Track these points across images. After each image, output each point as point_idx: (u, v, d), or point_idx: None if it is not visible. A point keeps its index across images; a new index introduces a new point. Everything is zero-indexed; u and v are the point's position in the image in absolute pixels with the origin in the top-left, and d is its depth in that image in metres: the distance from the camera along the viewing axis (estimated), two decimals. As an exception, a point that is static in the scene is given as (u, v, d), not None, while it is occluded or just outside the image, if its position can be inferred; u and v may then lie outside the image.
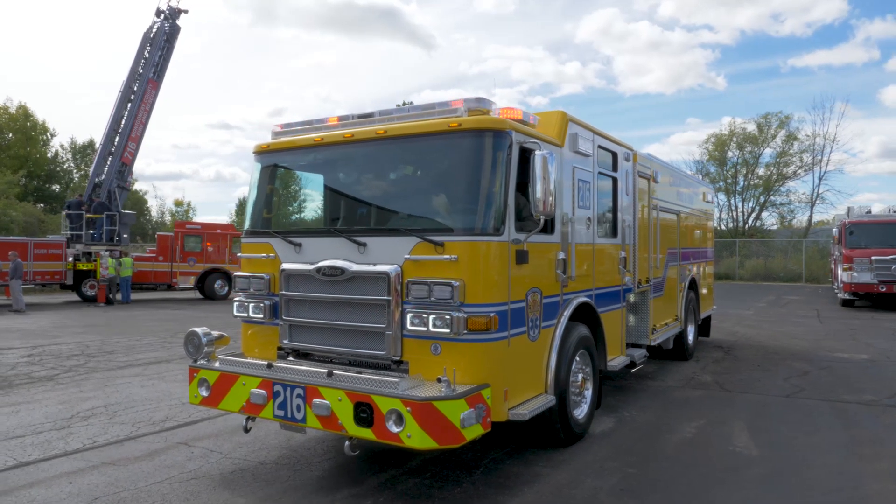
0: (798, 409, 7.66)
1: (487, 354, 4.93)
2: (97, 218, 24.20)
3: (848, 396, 8.25)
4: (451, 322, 4.78)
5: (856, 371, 9.96)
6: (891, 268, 19.02)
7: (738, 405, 7.84)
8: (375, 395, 4.52)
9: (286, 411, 4.99)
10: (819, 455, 5.93)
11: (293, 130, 6.09)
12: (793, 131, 42.16)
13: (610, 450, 6.10)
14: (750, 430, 6.74)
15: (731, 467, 5.63)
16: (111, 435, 6.62)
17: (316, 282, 5.46)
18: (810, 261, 34.38)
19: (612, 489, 5.13)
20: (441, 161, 5.32)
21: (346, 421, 4.65)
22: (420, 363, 5.02)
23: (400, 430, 4.41)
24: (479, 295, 4.88)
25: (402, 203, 5.51)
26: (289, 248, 5.71)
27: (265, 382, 5.11)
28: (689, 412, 7.50)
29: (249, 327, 6.11)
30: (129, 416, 7.40)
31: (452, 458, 5.76)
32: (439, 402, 4.38)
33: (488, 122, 5.06)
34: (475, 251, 4.90)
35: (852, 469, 5.57)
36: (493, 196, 5.00)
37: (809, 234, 41.30)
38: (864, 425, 6.93)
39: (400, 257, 5.08)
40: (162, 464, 5.72)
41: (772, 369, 10.12)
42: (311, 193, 6.23)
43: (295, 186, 6.36)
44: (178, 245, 24.87)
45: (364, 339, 5.29)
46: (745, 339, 13.59)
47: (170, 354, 11.90)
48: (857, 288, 19.57)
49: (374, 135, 5.42)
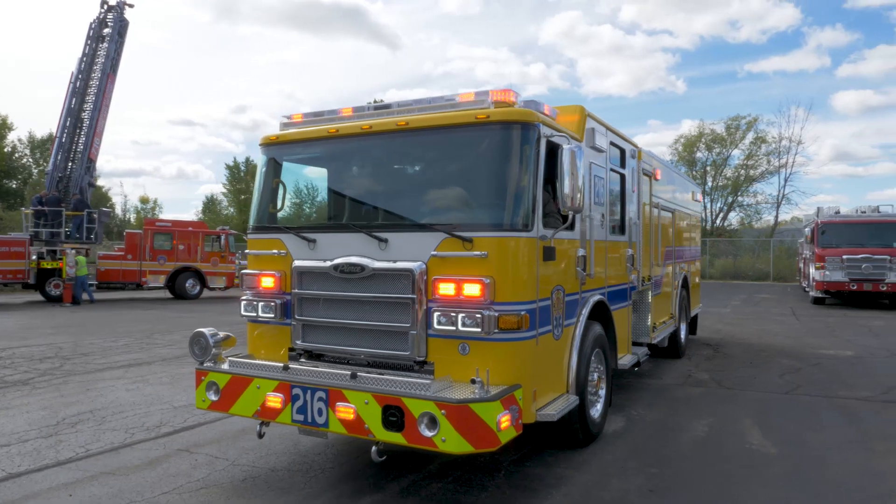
0: (800, 405, 7.70)
1: (518, 354, 4.78)
2: (77, 215, 23.34)
3: (844, 393, 8.33)
4: (482, 321, 4.61)
5: (844, 367, 10.11)
6: (861, 266, 19.50)
7: (740, 402, 7.85)
8: (406, 398, 4.32)
9: (306, 415, 4.75)
10: (834, 452, 5.93)
11: (304, 122, 5.84)
12: (761, 134, 43.11)
13: (626, 450, 6.01)
14: (760, 427, 6.73)
15: (751, 465, 5.59)
16: (104, 442, 6.27)
17: (333, 279, 5.23)
18: (778, 260, 35.15)
19: (639, 490, 5.03)
20: (467, 154, 5.13)
21: (374, 425, 4.44)
22: (446, 364, 4.84)
23: (433, 434, 4.22)
24: (509, 293, 4.72)
25: (425, 198, 5.30)
26: (302, 245, 5.46)
27: (282, 385, 4.86)
28: (695, 410, 7.47)
29: (256, 327, 5.84)
30: (119, 421, 7.03)
31: (470, 461, 5.59)
32: (476, 404, 4.21)
33: (517, 114, 4.91)
34: (505, 247, 4.74)
35: (871, 465, 5.58)
36: (523, 191, 4.85)
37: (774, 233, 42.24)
38: (868, 421, 6.99)
39: (424, 254, 4.88)
40: (166, 472, 5.41)
41: (764, 366, 10.20)
42: (324, 187, 5.97)
43: (306, 180, 6.10)
44: (147, 243, 24.11)
45: (385, 339, 5.08)
46: (730, 336, 13.73)
47: (150, 356, 11.46)
48: (829, 286, 20.02)
49: (394, 126, 5.21)
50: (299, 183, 6.10)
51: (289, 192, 5.93)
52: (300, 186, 6.12)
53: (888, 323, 15.90)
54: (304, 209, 6.11)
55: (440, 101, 5.29)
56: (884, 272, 19.32)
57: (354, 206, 5.63)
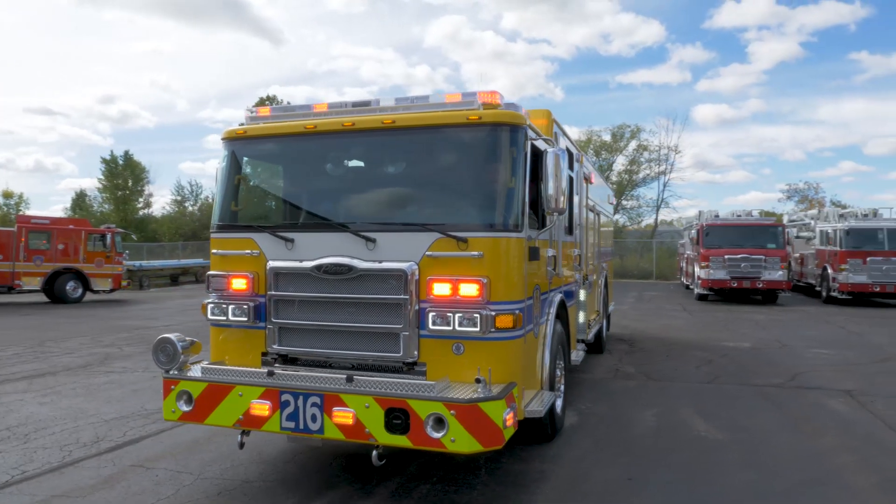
0: (725, 394, 8.35)
1: (511, 353, 4.85)
2: None
3: (758, 381, 9.13)
4: (480, 320, 4.64)
5: (748, 358, 11.06)
6: (741, 265, 21.37)
7: (673, 393, 8.38)
8: (412, 400, 4.27)
9: (297, 422, 4.56)
10: (773, 435, 6.49)
11: (274, 116, 5.58)
12: (643, 142, 46.03)
13: (590, 443, 6.26)
14: (700, 415, 7.23)
15: (708, 450, 6.01)
16: (40, 462, 5.66)
17: (315, 280, 5.04)
18: (659, 260, 37.68)
19: (619, 480, 5.26)
20: (457, 154, 5.13)
21: (376, 429, 4.35)
22: (439, 364, 4.81)
23: (441, 435, 4.20)
24: (503, 292, 4.78)
25: (413, 197, 5.24)
26: (278, 245, 5.22)
27: (269, 392, 4.63)
28: (637, 402, 7.89)
29: (221, 332, 5.51)
30: (47, 438, 6.37)
31: (446, 461, 5.58)
32: (484, 403, 4.24)
33: (508, 116, 4.97)
34: (499, 248, 4.80)
35: (808, 446, 6.17)
36: (514, 192, 4.92)
37: (654, 235, 45.26)
38: (789, 406, 7.71)
39: (416, 254, 4.83)
40: (128, 491, 4.99)
41: (680, 359, 10.95)
42: (298, 184, 5.73)
43: (278, 177, 5.82)
44: (21, 242, 21.87)
45: (373, 341, 4.97)
46: (638, 332, 14.58)
47: (50, 366, 10.44)
48: (713, 284, 21.75)
49: (379, 124, 5.11)
50: (269, 180, 5.82)
51: (259, 190, 5.65)
52: (270, 183, 5.84)
53: (768, 317, 17.54)
54: (278, 207, 5.81)
55: (423, 100, 5.25)
56: (759, 270, 21.28)
57: (335, 205, 5.45)
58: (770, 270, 21.22)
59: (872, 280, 20.08)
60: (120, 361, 10.82)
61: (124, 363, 10.66)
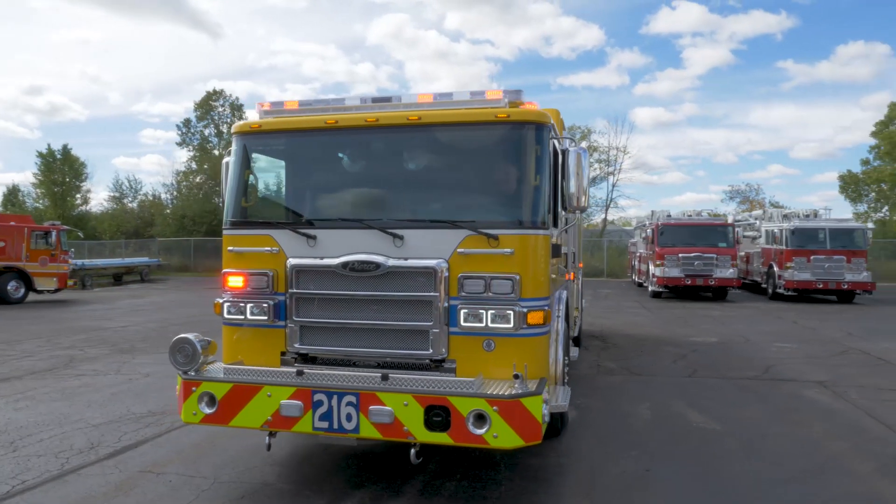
0: (708, 387, 8.67)
1: (540, 348, 4.92)
2: None
3: (734, 374, 9.51)
4: (513, 317, 4.68)
5: (718, 352, 11.50)
6: (694, 264, 22.13)
7: (659, 387, 8.64)
8: (453, 397, 4.27)
9: (331, 422, 4.49)
10: (765, 426, 6.78)
11: (290, 110, 5.47)
12: (592, 143, 47.05)
13: (596, 437, 6.39)
14: (692, 408, 7.49)
15: (709, 441, 6.23)
16: (38, 471, 5.37)
17: (340, 278, 4.98)
18: (610, 258, 38.61)
19: (637, 472, 5.40)
20: (485, 152, 5.15)
21: (415, 427, 4.33)
22: (469, 361, 4.83)
23: (484, 431, 4.22)
24: (532, 289, 4.84)
25: (438, 194, 5.24)
26: (298, 241, 5.12)
27: (301, 392, 4.53)
28: (626, 396, 8.10)
29: (235, 331, 5.36)
30: (36, 446, 6.05)
31: (464, 458, 5.60)
32: (526, 398, 4.27)
33: (536, 114, 5.03)
34: (529, 245, 4.85)
35: (800, 435, 6.47)
36: (541, 189, 4.98)
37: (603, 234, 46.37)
38: (771, 398, 8.06)
39: (445, 251, 4.83)
40: (146, 498, 4.80)
41: (654, 354, 11.29)
42: (319, 181, 5.60)
43: (294, 172, 5.69)
44: (-43, 240, 20.61)
45: (400, 338, 4.95)
46: (606, 328, 14.93)
47: (12, 369, 9.89)
48: (668, 281, 22.45)
49: (405, 121, 5.08)
50: (285, 175, 5.69)
51: (274, 186, 5.53)
52: (287, 179, 5.70)
53: (723, 313, 18.25)
54: (296, 203, 5.67)
55: (447, 97, 5.25)
56: (711, 268, 22.10)
57: (358, 202, 5.38)
58: (721, 268, 22.07)
59: (816, 277, 21.13)
60: (87, 364, 10.36)
61: (93, 366, 10.21)
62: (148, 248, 40.90)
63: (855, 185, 41.34)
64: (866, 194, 41.32)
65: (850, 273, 21.08)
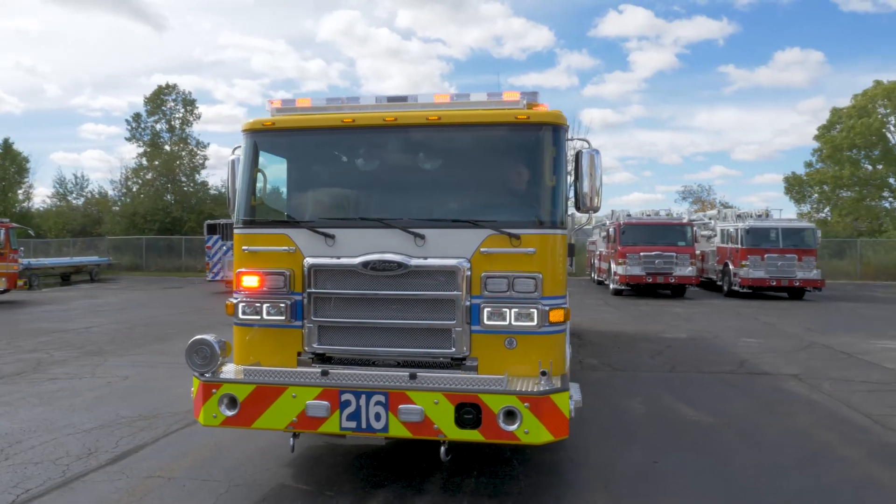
0: (691, 381, 8.96)
1: (559, 345, 5.03)
2: None
3: (712, 369, 9.85)
4: (536, 315, 4.76)
5: (690, 348, 11.88)
6: (655, 262, 22.74)
7: (643, 382, 8.89)
8: (484, 394, 4.32)
9: (359, 422, 4.47)
10: (755, 417, 7.07)
11: (302, 108, 5.43)
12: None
13: (597, 431, 6.55)
14: (681, 401, 7.74)
15: (708, 432, 6.47)
16: (41, 479, 5.18)
17: (360, 277, 4.96)
18: (568, 256, 39.29)
19: (645, 463, 5.57)
20: (505, 152, 5.21)
21: (445, 425, 4.36)
22: (491, 359, 4.89)
23: (515, 428, 4.29)
24: (552, 287, 4.93)
25: (457, 194, 5.27)
26: (316, 240, 5.08)
27: (328, 392, 4.50)
28: (616, 391, 8.30)
29: (248, 332, 5.28)
30: (31, 453, 5.82)
31: (476, 454, 5.65)
32: (555, 395, 4.36)
33: (554, 116, 5.12)
34: (549, 244, 4.95)
35: (789, 425, 6.77)
36: (559, 190, 5.09)
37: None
38: (753, 390, 8.40)
39: (467, 250, 4.88)
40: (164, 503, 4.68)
41: (631, 350, 11.58)
42: (334, 180, 5.53)
43: (308, 171, 5.61)
44: None
45: (421, 337, 4.97)
46: (577, 325, 15.16)
47: (-22, 375, 9.45)
48: (630, 279, 23.00)
49: (424, 121, 5.09)
50: (297, 174, 5.61)
51: (288, 183, 5.46)
52: (300, 177, 5.63)
53: (686, 310, 18.83)
54: (310, 202, 5.59)
55: (463, 97, 5.30)
56: (671, 266, 22.75)
57: (376, 201, 5.37)
58: (681, 266, 22.75)
59: (770, 275, 21.99)
60: (57, 367, 9.97)
61: (64, 369, 9.83)
62: (96, 246, 39.43)
63: (799, 187, 43.22)
64: (809, 195, 43.27)
65: (802, 271, 22.02)
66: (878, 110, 39.99)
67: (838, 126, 41.16)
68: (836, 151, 40.42)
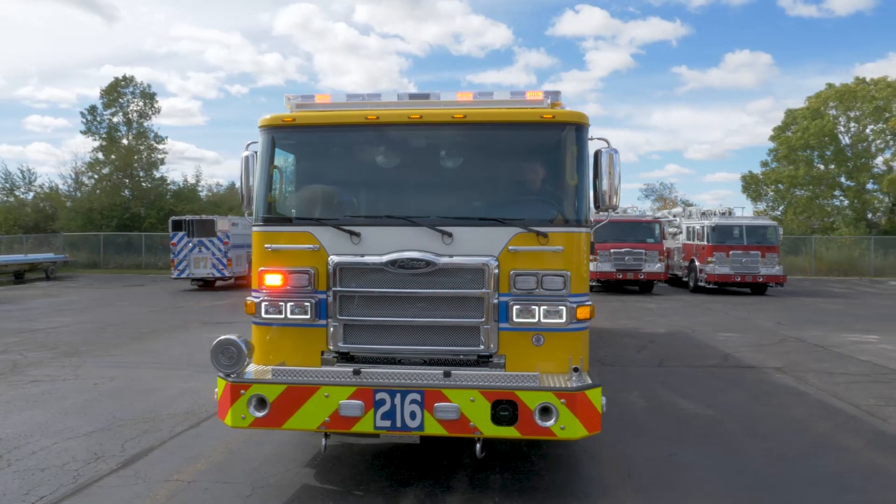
0: (681, 375, 9.18)
1: (584, 341, 5.11)
2: None
3: (698, 363, 10.12)
4: (565, 312, 4.82)
5: (673, 343, 12.17)
6: (625, 258, 23.18)
7: (636, 376, 9.07)
8: (520, 391, 4.36)
9: (394, 420, 4.46)
10: (751, 408, 7.30)
11: (322, 104, 5.36)
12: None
13: (606, 425, 6.58)
14: (677, 395, 7.93)
15: (712, 424, 6.66)
16: (53, 485, 4.99)
17: (387, 275, 4.93)
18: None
19: (661, 456, 5.70)
20: (529, 151, 5.25)
21: (481, 422, 4.38)
22: (519, 356, 4.94)
23: (551, 424, 4.35)
24: (578, 284, 5.00)
25: (483, 192, 5.29)
26: (341, 238, 5.03)
27: (361, 391, 4.47)
28: (612, 386, 8.39)
29: (268, 331, 5.20)
30: (33, 458, 5.61)
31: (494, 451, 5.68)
32: (589, 391, 4.43)
33: (578, 116, 5.18)
34: (575, 242, 5.01)
35: (786, 417, 7.01)
36: (584, 188, 5.15)
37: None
38: (742, 383, 8.66)
39: (495, 248, 4.91)
40: (190, 506, 4.58)
41: (616, 345, 11.80)
42: (357, 177, 5.48)
43: (328, 168, 5.53)
44: None
45: (449, 335, 4.97)
46: (557, 321, 15.39)
47: (-48, 378, 9.04)
48: (601, 275, 23.38)
49: (449, 118, 5.09)
50: (317, 170, 5.54)
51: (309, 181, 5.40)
52: (320, 174, 5.55)
53: (658, 305, 19.26)
54: (333, 200, 5.51)
55: (487, 95, 5.32)
56: (640, 263, 23.22)
57: (400, 199, 5.33)
58: (650, 263, 23.23)
59: (735, 271, 22.66)
60: (35, 369, 9.60)
61: (43, 371, 9.48)
62: (50, 243, 38.01)
63: (755, 186, 44.58)
64: (765, 194, 44.69)
65: (765, 267, 22.76)
66: (829, 112, 41.55)
67: (793, 127, 42.59)
68: (791, 151, 41.81)
